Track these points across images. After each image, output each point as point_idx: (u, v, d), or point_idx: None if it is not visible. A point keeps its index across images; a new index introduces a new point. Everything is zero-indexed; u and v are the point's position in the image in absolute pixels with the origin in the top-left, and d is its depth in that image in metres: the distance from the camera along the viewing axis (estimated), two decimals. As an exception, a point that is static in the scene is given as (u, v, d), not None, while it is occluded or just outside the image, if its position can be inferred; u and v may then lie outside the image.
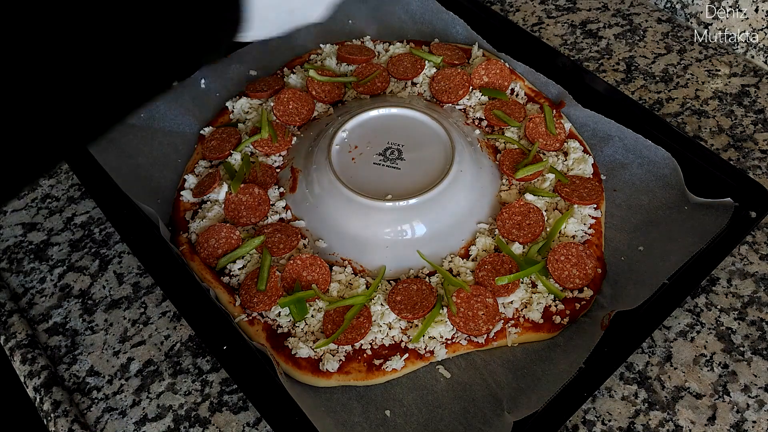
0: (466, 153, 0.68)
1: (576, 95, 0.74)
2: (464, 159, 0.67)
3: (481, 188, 0.68)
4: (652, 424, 0.55)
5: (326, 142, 0.68)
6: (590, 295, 0.61)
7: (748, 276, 0.65)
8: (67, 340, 0.64)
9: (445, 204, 0.65)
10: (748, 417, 0.56)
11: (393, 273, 0.63)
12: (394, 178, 0.66)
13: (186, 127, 0.78)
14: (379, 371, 0.57)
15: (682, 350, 0.60)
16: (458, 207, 0.65)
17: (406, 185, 0.65)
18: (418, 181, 0.65)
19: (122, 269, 0.69)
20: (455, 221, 0.65)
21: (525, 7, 0.95)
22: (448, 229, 0.65)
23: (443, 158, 0.67)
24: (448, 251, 0.64)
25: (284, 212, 0.67)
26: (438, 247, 0.64)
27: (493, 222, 0.66)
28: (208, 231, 0.65)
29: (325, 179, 0.66)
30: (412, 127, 0.70)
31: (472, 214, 0.66)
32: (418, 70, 0.79)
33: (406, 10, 0.88)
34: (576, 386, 0.53)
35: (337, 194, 0.65)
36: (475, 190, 0.67)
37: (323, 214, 0.65)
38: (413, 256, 0.63)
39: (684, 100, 0.81)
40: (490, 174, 0.69)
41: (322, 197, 0.66)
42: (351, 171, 0.66)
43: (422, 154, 0.68)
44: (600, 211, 0.67)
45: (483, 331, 0.58)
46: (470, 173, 0.67)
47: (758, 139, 0.76)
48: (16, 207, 0.76)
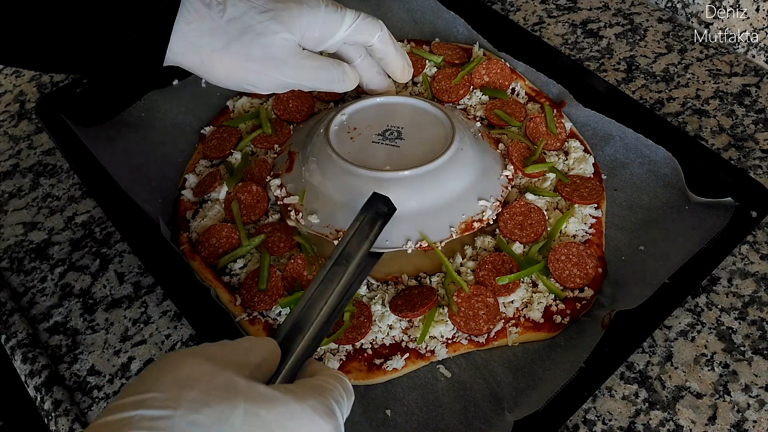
0: (467, 136, 0.67)
1: (577, 95, 0.74)
2: (465, 140, 0.66)
3: (483, 169, 0.66)
4: (652, 424, 0.55)
5: (325, 124, 0.67)
6: (591, 294, 0.61)
7: (749, 275, 0.65)
8: (68, 339, 0.64)
9: (446, 178, 0.63)
10: (749, 417, 0.56)
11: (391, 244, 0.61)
12: (393, 153, 0.65)
13: (186, 126, 0.78)
14: (379, 371, 0.57)
15: (683, 350, 0.60)
16: (459, 183, 0.64)
17: (406, 160, 0.63)
18: (419, 156, 0.64)
19: (123, 268, 0.69)
20: (455, 196, 0.63)
21: (526, 7, 0.95)
22: (447, 203, 0.63)
23: (443, 138, 0.66)
24: (448, 225, 0.62)
25: (278, 190, 0.66)
26: (438, 222, 0.62)
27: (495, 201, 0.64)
28: (209, 230, 0.65)
29: (323, 154, 0.64)
30: (412, 113, 0.69)
31: (474, 191, 0.64)
32: (418, 70, 0.79)
33: (407, 10, 0.88)
34: (576, 386, 0.53)
35: (335, 167, 0.63)
36: (477, 168, 0.65)
37: (318, 189, 0.64)
38: (411, 228, 0.61)
39: (685, 100, 0.81)
40: (492, 158, 0.68)
41: (318, 172, 0.64)
42: (349, 147, 0.65)
43: (422, 135, 0.67)
44: (601, 210, 0.67)
45: (483, 331, 0.58)
46: (471, 152, 0.66)
47: (759, 139, 0.76)
48: (17, 206, 0.76)
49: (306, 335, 0.44)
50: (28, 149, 0.82)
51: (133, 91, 0.78)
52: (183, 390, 0.32)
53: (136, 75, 0.69)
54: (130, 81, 0.78)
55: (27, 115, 0.87)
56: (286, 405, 0.34)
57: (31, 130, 0.85)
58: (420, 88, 0.79)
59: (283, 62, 0.59)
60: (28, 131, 0.85)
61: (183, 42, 0.55)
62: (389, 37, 0.67)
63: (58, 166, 0.80)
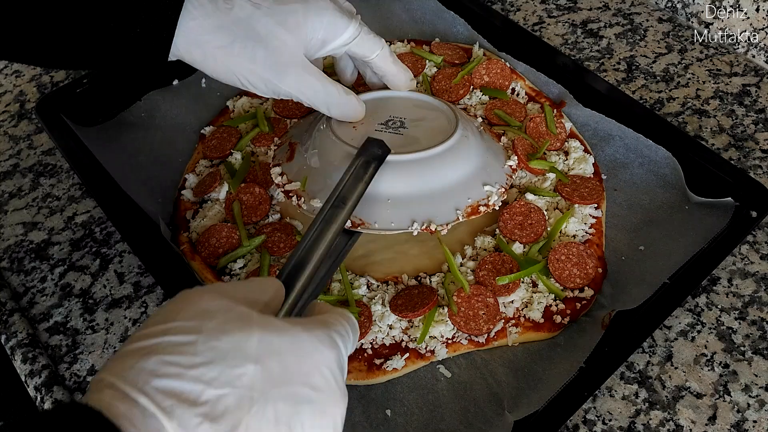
0: (471, 127, 0.67)
1: (577, 95, 0.74)
2: (468, 130, 0.65)
3: (488, 157, 0.66)
4: (652, 424, 0.55)
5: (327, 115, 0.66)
6: (591, 294, 0.61)
7: (749, 275, 0.65)
8: (68, 339, 0.64)
9: (450, 163, 0.62)
10: (749, 417, 0.56)
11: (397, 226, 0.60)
12: (396, 140, 0.63)
13: (187, 126, 0.78)
14: (379, 371, 0.57)
15: (683, 350, 0.60)
16: (463, 168, 0.63)
17: (410, 147, 0.63)
18: (422, 143, 0.63)
19: (123, 268, 0.69)
20: (460, 181, 0.62)
21: (526, 7, 0.95)
22: (452, 187, 0.62)
23: (447, 128, 0.65)
24: (454, 207, 0.61)
25: (279, 177, 0.65)
26: (443, 204, 0.61)
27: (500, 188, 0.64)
28: (209, 230, 0.65)
29: (326, 141, 0.64)
30: (414, 106, 0.69)
31: (479, 177, 0.64)
32: (418, 70, 0.79)
33: (407, 10, 0.88)
34: (576, 386, 0.53)
35: (338, 152, 0.62)
36: (481, 155, 0.65)
37: (321, 174, 0.63)
38: (417, 210, 0.60)
39: (685, 100, 0.81)
40: (496, 148, 0.68)
41: (320, 159, 0.64)
42: (351, 134, 0.64)
43: (425, 125, 0.66)
44: (601, 210, 0.67)
45: (484, 331, 0.58)
46: (475, 141, 0.65)
47: (759, 139, 0.76)
48: (17, 206, 0.76)
49: (306, 273, 0.48)
50: (28, 149, 0.82)
51: (133, 91, 0.78)
52: (204, 320, 0.35)
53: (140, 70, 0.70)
54: (134, 76, 0.79)
55: (27, 115, 0.87)
56: (295, 334, 0.37)
57: (31, 130, 0.85)
58: (420, 88, 0.79)
59: (284, 71, 0.59)
60: (28, 131, 0.85)
61: (187, 37, 0.56)
62: (390, 55, 0.67)
63: (58, 166, 0.80)
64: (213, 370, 0.33)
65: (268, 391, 0.34)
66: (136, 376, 0.32)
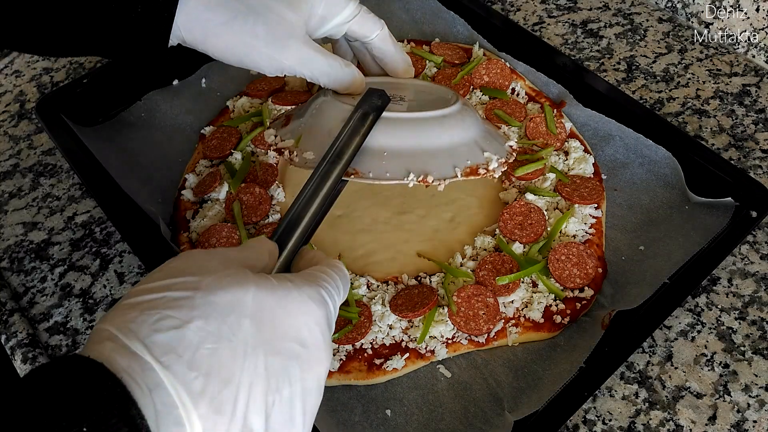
0: (471, 107, 0.66)
1: (577, 95, 0.74)
2: (469, 107, 0.65)
3: (488, 131, 0.65)
4: (652, 424, 0.55)
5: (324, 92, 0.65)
6: (591, 294, 0.61)
7: (749, 275, 0.65)
8: (68, 339, 0.64)
9: (450, 127, 0.61)
10: (749, 417, 0.56)
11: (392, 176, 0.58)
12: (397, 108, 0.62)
13: (187, 127, 0.78)
14: (379, 371, 0.57)
15: (683, 350, 0.60)
16: (463, 134, 0.61)
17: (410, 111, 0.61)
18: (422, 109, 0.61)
19: (123, 268, 0.69)
20: (460, 143, 0.61)
21: (526, 7, 0.95)
22: (451, 147, 0.60)
23: (447, 101, 0.64)
24: (452, 165, 0.59)
25: (272, 137, 0.63)
26: (442, 160, 0.59)
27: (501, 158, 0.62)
28: (209, 230, 0.65)
29: (324, 104, 0.62)
30: (416, 88, 0.69)
31: (478, 145, 0.62)
32: (418, 70, 0.79)
33: (407, 10, 0.88)
34: (576, 386, 0.53)
35: (335, 110, 0.60)
36: (481, 127, 0.64)
37: (316, 131, 0.61)
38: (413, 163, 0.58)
39: (685, 100, 0.81)
40: (496, 130, 0.68)
41: (315, 116, 0.62)
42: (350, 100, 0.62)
43: (426, 98, 0.66)
44: (601, 210, 0.67)
45: (483, 331, 0.58)
46: (475, 116, 0.64)
47: (759, 139, 0.76)
48: (17, 206, 0.76)
49: (299, 230, 0.48)
50: (28, 149, 0.82)
51: (133, 91, 0.78)
52: (203, 277, 0.37)
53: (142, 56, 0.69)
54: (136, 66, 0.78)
55: (27, 115, 0.87)
56: (287, 291, 0.39)
57: (31, 130, 0.85)
58: (420, 88, 0.79)
59: (286, 45, 0.59)
60: (28, 131, 0.85)
61: (189, 15, 0.56)
62: (389, 37, 0.67)
63: (58, 166, 0.80)
64: (210, 324, 0.35)
65: (259, 345, 0.36)
66: (137, 329, 0.33)
